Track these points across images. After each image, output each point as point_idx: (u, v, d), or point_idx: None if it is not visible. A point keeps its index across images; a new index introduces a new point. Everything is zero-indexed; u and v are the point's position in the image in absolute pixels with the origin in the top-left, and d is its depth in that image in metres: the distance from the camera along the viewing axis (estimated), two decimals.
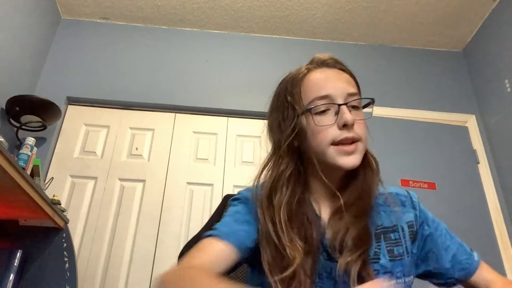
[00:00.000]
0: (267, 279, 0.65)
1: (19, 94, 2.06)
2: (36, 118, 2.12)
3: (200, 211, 2.26)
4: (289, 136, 0.74)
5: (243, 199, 0.77)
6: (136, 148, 2.40)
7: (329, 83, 0.74)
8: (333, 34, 2.80)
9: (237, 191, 0.81)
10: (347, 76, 0.77)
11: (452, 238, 0.81)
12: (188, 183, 2.34)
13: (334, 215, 0.73)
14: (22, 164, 1.78)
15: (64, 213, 1.78)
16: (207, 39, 2.77)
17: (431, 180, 2.34)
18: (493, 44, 2.56)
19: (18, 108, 2.07)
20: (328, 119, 0.71)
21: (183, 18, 2.71)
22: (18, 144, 2.12)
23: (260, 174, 0.77)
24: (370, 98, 0.77)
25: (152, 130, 2.48)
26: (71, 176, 2.28)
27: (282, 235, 0.67)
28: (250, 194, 0.76)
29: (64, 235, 1.77)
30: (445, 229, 0.82)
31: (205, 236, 0.69)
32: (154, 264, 2.11)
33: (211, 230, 0.70)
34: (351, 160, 0.70)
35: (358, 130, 0.71)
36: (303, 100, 0.74)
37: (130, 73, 2.58)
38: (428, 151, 2.44)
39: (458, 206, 2.26)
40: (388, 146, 2.34)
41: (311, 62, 0.80)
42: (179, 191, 2.31)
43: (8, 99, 2.04)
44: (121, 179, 2.31)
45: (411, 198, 0.83)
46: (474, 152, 2.51)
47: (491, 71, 2.56)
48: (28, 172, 1.83)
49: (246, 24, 2.75)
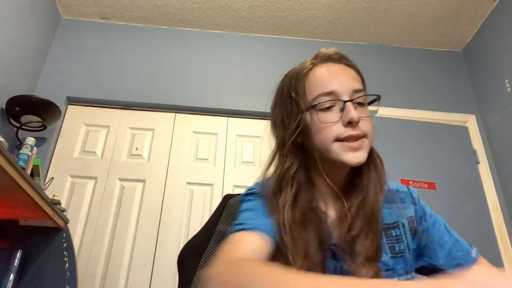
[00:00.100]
0: None
1: (19, 94, 2.06)
2: (36, 118, 2.12)
3: (200, 211, 2.26)
4: (293, 133, 0.72)
5: (257, 194, 0.74)
6: (136, 148, 2.40)
7: (334, 79, 0.71)
8: (333, 34, 2.80)
9: (237, 191, 0.80)
10: (352, 72, 0.75)
11: (449, 234, 0.80)
12: (188, 183, 2.34)
13: (341, 216, 0.71)
14: (22, 164, 1.78)
15: (64, 213, 1.78)
16: (207, 39, 2.77)
17: (431, 180, 2.34)
18: (493, 44, 2.56)
19: (18, 108, 2.07)
20: (333, 116, 0.69)
21: (183, 18, 2.71)
22: (18, 144, 2.12)
23: (267, 170, 0.75)
24: (376, 95, 0.75)
25: (152, 130, 2.48)
26: (71, 176, 2.29)
27: (285, 236, 0.65)
28: (259, 189, 0.74)
29: (64, 235, 1.77)
30: (443, 225, 0.81)
31: (233, 230, 0.65)
32: (154, 264, 2.11)
33: (237, 225, 0.66)
34: (357, 156, 0.68)
35: (364, 127, 0.69)
36: (307, 96, 0.72)
37: (130, 73, 2.58)
38: (428, 151, 2.44)
39: (458, 206, 2.26)
40: (388, 146, 2.30)
41: (316, 57, 0.77)
42: (179, 191, 2.31)
43: (8, 99, 2.04)
44: (121, 179, 2.31)
45: (411, 194, 0.82)
46: (474, 152, 2.51)
47: (491, 71, 2.56)
48: (28, 172, 1.83)
49: (246, 24, 2.75)
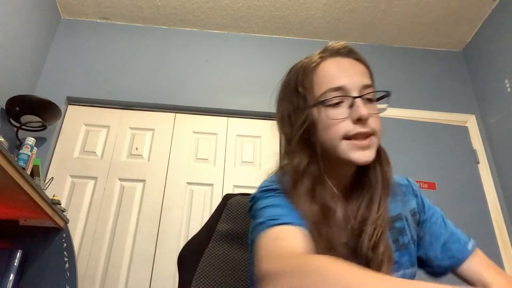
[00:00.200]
0: None
1: (19, 94, 2.06)
2: (36, 118, 2.12)
3: (200, 211, 2.26)
4: (299, 128, 0.70)
5: (277, 190, 0.70)
6: (136, 148, 2.40)
7: (343, 74, 0.69)
8: (333, 34, 2.80)
9: (237, 191, 0.79)
10: (362, 67, 0.73)
11: (446, 226, 0.79)
12: (188, 183, 2.34)
13: (348, 217, 0.70)
14: (22, 164, 1.78)
15: (64, 213, 1.78)
16: (207, 39, 2.77)
17: (431, 180, 2.34)
18: (493, 44, 2.56)
19: (18, 108, 2.07)
20: (341, 112, 0.67)
21: (183, 18, 2.71)
22: (18, 144, 2.12)
23: (280, 167, 0.73)
24: (386, 91, 0.72)
25: (152, 130, 2.48)
26: (71, 176, 2.28)
27: (309, 230, 0.63)
28: (277, 185, 0.71)
29: (64, 235, 1.77)
30: (441, 217, 0.81)
31: (269, 225, 0.61)
32: (154, 264, 2.11)
33: (270, 220, 0.62)
34: (365, 155, 0.66)
35: (373, 124, 0.67)
36: (315, 91, 0.69)
37: (130, 73, 2.58)
38: (428, 151, 2.44)
39: (458, 206, 2.25)
40: (388, 146, 2.31)
41: (324, 51, 0.75)
42: (179, 191, 2.31)
43: (8, 99, 2.04)
44: (121, 179, 2.31)
45: (412, 187, 0.83)
46: (474, 152, 2.51)
47: (491, 71, 2.56)
48: (28, 172, 1.83)
49: (246, 24, 2.75)
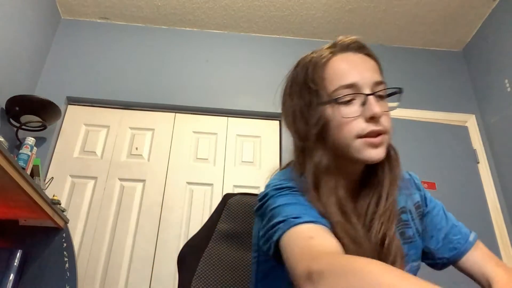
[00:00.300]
0: None
1: (19, 94, 2.06)
2: (36, 118, 2.12)
3: (200, 211, 2.26)
4: (316, 125, 0.68)
5: (293, 188, 0.68)
6: (136, 148, 2.40)
7: (354, 71, 0.68)
8: (333, 34, 2.80)
9: (237, 191, 0.78)
10: (373, 63, 0.72)
11: (447, 218, 0.80)
12: (188, 183, 2.34)
13: (357, 214, 0.69)
14: (22, 164, 1.78)
15: (64, 213, 1.78)
16: (207, 39, 2.77)
17: (431, 180, 2.33)
18: (493, 44, 2.56)
19: (18, 108, 2.07)
20: (353, 110, 0.66)
21: (183, 18, 2.71)
22: (18, 144, 2.12)
23: (300, 165, 0.71)
24: (398, 88, 0.71)
25: (152, 130, 2.48)
26: (71, 176, 2.28)
27: (336, 229, 0.62)
28: (291, 183, 0.68)
29: (64, 235, 1.77)
30: (442, 209, 0.82)
31: (293, 224, 0.59)
32: (154, 264, 2.11)
33: (294, 219, 0.59)
34: (377, 153, 0.65)
35: (385, 122, 0.67)
36: (326, 87, 0.68)
37: (130, 73, 2.58)
38: (428, 151, 2.44)
39: (458, 206, 2.23)
40: None
41: (334, 45, 0.73)
42: (179, 191, 2.31)
43: (8, 99, 2.04)
44: (121, 179, 2.31)
45: (413, 180, 0.83)
46: (474, 152, 2.51)
47: (491, 71, 2.56)
48: (28, 172, 1.83)
49: (246, 24, 2.75)
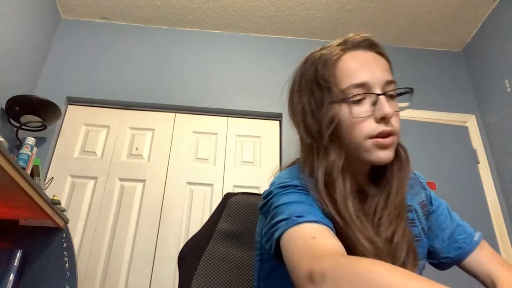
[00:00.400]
0: None
1: (19, 94, 2.06)
2: (36, 118, 2.12)
3: (200, 211, 2.26)
4: (330, 124, 0.66)
5: (298, 187, 0.67)
6: (136, 148, 2.40)
7: (365, 70, 0.67)
8: (333, 34, 2.80)
9: (237, 191, 0.77)
10: (384, 62, 0.71)
11: (451, 217, 0.81)
12: (188, 183, 2.34)
13: (365, 213, 0.69)
14: (22, 164, 1.78)
15: (64, 213, 1.78)
16: (207, 39, 2.77)
17: (431, 180, 2.33)
18: (493, 44, 2.56)
19: (18, 108, 2.07)
20: (364, 110, 0.65)
21: (183, 18, 2.71)
22: (18, 144, 2.12)
23: (312, 162, 0.69)
24: (409, 88, 0.70)
25: (152, 130, 2.48)
26: (71, 176, 2.28)
27: (351, 228, 0.61)
28: (296, 181, 0.67)
29: (64, 235, 1.77)
30: (446, 208, 0.82)
31: (296, 222, 0.58)
32: (154, 264, 2.11)
33: (298, 217, 0.59)
34: (386, 155, 0.65)
35: (395, 123, 0.66)
36: (337, 85, 0.67)
37: (130, 73, 2.58)
38: (428, 151, 2.43)
39: (458, 206, 2.21)
40: None
41: (345, 42, 0.72)
42: (179, 191, 2.31)
43: (8, 99, 2.04)
44: (121, 179, 2.31)
45: (418, 179, 0.84)
46: (474, 152, 2.51)
47: (491, 71, 2.56)
48: (28, 172, 1.83)
49: (246, 24, 2.75)
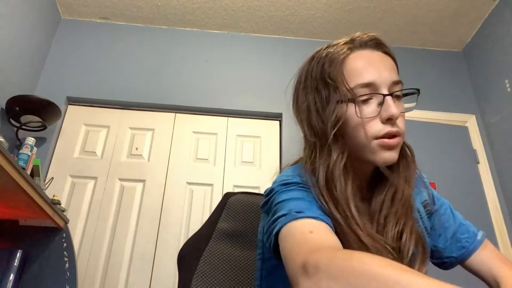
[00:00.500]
0: None
1: (19, 94, 2.06)
2: (36, 118, 2.12)
3: (200, 211, 2.26)
4: (335, 123, 0.66)
5: (300, 184, 0.66)
6: (136, 148, 2.40)
7: (372, 69, 0.66)
8: (333, 34, 2.80)
9: (237, 191, 0.77)
10: (391, 62, 0.70)
11: (454, 217, 0.81)
12: (188, 183, 2.34)
13: (370, 213, 0.70)
14: (22, 164, 1.78)
15: (64, 213, 1.78)
16: (207, 39, 2.77)
17: (431, 180, 2.30)
18: (493, 44, 2.56)
19: (18, 108, 2.07)
20: (370, 110, 0.65)
21: (183, 18, 2.71)
22: (18, 144, 2.12)
23: (305, 160, 0.69)
24: (416, 89, 0.70)
25: (152, 130, 2.48)
26: (71, 176, 2.28)
27: (352, 226, 0.61)
28: (298, 179, 0.67)
29: (64, 235, 1.76)
30: (449, 208, 0.83)
31: (294, 217, 0.58)
32: (154, 264, 2.11)
33: (297, 213, 0.58)
34: (391, 156, 0.65)
35: (401, 124, 0.65)
36: (344, 84, 0.66)
37: (130, 73, 2.58)
38: (428, 151, 2.43)
39: (458, 206, 2.22)
40: None
41: (352, 41, 0.72)
42: (179, 191, 2.31)
43: (8, 99, 2.04)
44: (121, 179, 2.31)
45: (421, 179, 0.83)
46: (474, 152, 2.51)
47: (491, 71, 2.56)
48: (28, 172, 1.83)
49: (246, 24, 2.75)
